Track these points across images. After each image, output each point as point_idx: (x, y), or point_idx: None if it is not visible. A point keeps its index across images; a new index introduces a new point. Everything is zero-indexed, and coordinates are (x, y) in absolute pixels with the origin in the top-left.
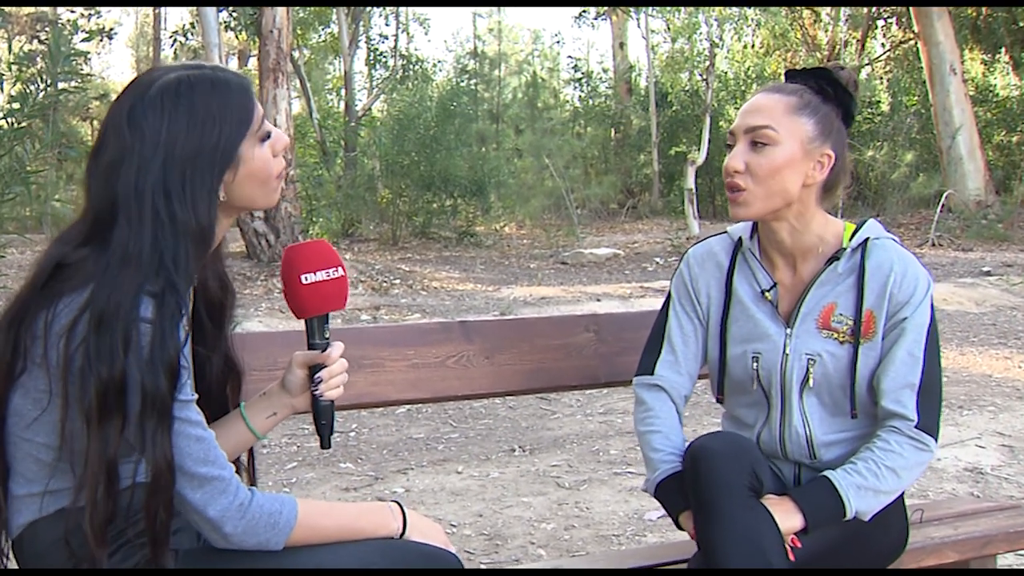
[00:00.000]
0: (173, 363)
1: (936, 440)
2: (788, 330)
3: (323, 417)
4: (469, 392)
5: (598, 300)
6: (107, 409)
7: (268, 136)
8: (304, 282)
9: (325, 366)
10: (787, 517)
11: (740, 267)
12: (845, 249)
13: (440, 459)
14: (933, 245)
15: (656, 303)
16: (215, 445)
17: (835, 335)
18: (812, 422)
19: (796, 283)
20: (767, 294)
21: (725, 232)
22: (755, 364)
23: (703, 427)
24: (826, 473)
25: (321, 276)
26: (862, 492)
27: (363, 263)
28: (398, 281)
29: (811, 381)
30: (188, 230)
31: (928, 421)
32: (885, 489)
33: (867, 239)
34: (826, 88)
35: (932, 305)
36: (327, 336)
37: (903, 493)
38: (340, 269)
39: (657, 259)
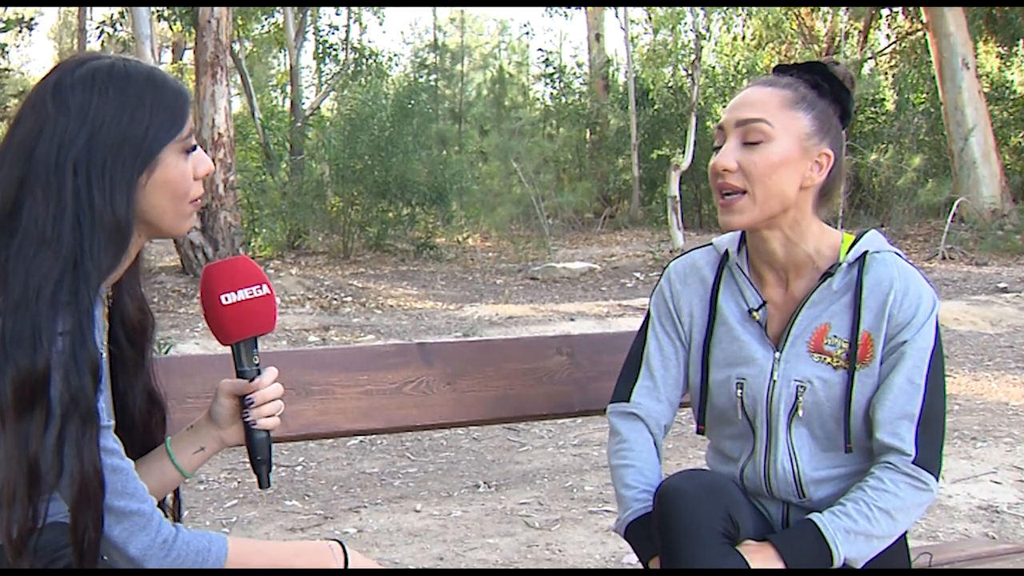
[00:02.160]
0: (95, 361)
1: (937, 478)
2: (777, 354)
3: (259, 452)
4: (428, 422)
5: (572, 320)
6: (26, 403)
7: (193, 150)
8: (225, 303)
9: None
10: (766, 565)
11: (726, 283)
12: (841, 264)
13: (396, 496)
14: (943, 259)
15: (636, 323)
16: (134, 476)
17: (828, 359)
18: (800, 457)
19: (787, 301)
20: (755, 314)
21: (710, 244)
22: (739, 391)
23: (688, 460)
24: (811, 516)
25: (244, 295)
26: (852, 537)
27: (311, 279)
28: (350, 298)
29: (800, 410)
30: (104, 222)
31: (928, 457)
32: (878, 533)
33: (865, 253)
34: (821, 83)
35: (937, 327)
36: (257, 362)
37: (906, 533)
38: (265, 286)
39: (637, 274)
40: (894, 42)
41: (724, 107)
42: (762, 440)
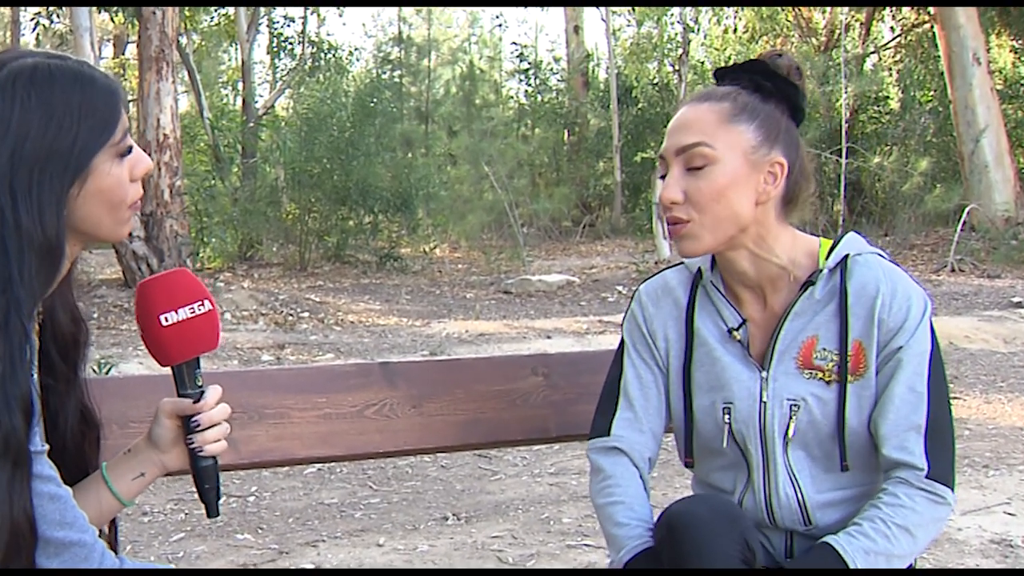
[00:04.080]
0: (26, 398)
1: (953, 491)
2: (763, 373)
3: (205, 479)
4: (392, 448)
5: (548, 337)
6: None
7: (128, 152)
8: (165, 323)
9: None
10: None
11: (701, 303)
12: (821, 271)
13: (358, 529)
14: (953, 270)
15: (618, 340)
16: (73, 504)
17: (820, 374)
18: (802, 481)
19: (768, 317)
20: (735, 333)
21: (681, 263)
22: (727, 417)
23: (675, 490)
24: (828, 539)
25: (185, 314)
26: (872, 558)
27: (264, 293)
28: (307, 314)
29: (791, 431)
30: (33, 243)
31: (941, 469)
32: (898, 552)
33: (846, 256)
34: (763, 84)
35: (932, 329)
36: (200, 383)
37: (913, 564)
38: (207, 302)
39: (619, 287)
40: (899, 35)
41: None
42: (758, 467)
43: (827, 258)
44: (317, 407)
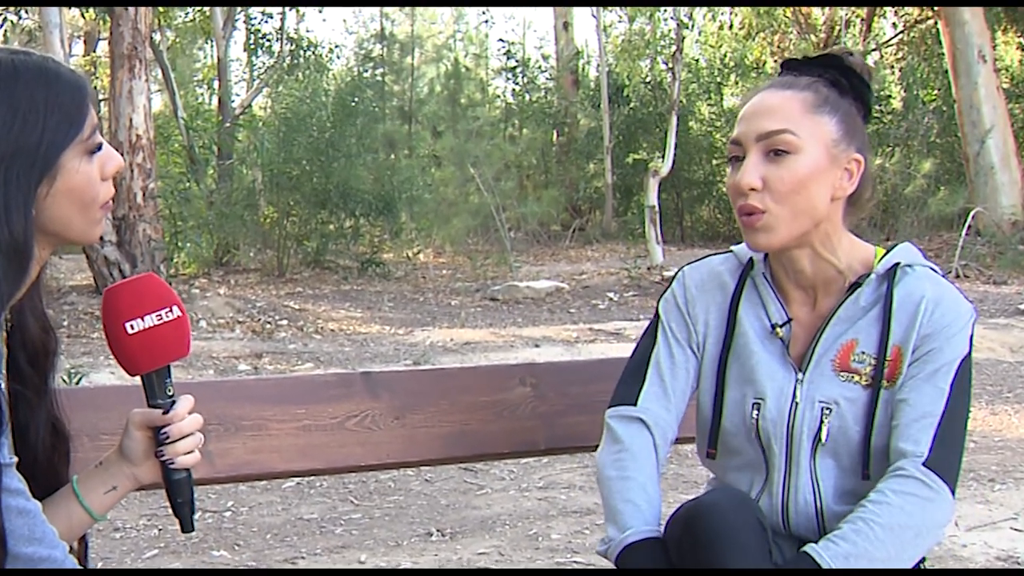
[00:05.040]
0: None
1: (952, 490)
2: (799, 375)
3: (179, 493)
4: (374, 461)
5: (536, 346)
6: None
7: (98, 149)
8: (131, 331)
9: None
10: None
11: (748, 295)
12: (869, 276)
13: (338, 545)
14: (957, 276)
15: (610, 348)
16: (42, 519)
17: (856, 377)
18: (824, 489)
19: (814, 320)
20: (778, 330)
21: (729, 251)
22: (755, 412)
23: (668, 506)
24: (806, 548)
25: (152, 321)
26: (853, 562)
27: (241, 299)
28: (285, 322)
29: (823, 435)
30: (1, 246)
31: (942, 461)
32: (882, 555)
33: (896, 265)
34: (840, 80)
35: (971, 341)
36: (170, 392)
37: (920, 564)
38: (175, 308)
39: (610, 294)
40: (901, 31)
41: (710, 104)
42: (779, 470)
43: (878, 265)
44: (296, 419)
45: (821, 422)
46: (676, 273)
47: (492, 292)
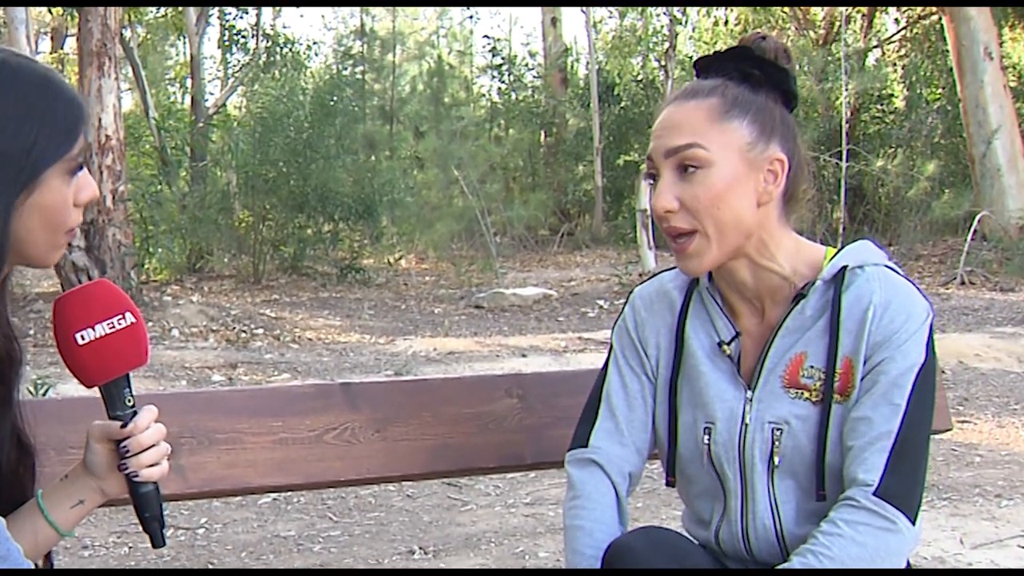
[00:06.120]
0: None
1: (911, 519)
2: (749, 393)
3: (146, 507)
4: (354, 476)
5: (523, 356)
6: None
7: (79, 170)
8: (81, 342)
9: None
10: None
11: (695, 310)
12: (815, 283)
13: (316, 564)
14: (963, 283)
15: (599, 359)
16: (6, 536)
17: (805, 394)
18: (783, 512)
19: (763, 332)
20: (725, 347)
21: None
22: (707, 438)
23: (660, 522)
24: None
25: (103, 330)
26: None
27: (215, 307)
28: (261, 330)
29: (776, 457)
30: None
31: (896, 489)
32: None
33: (844, 268)
34: (751, 72)
35: (930, 343)
36: (130, 402)
37: (908, 563)
38: (129, 315)
39: (600, 302)
40: (904, 27)
41: None
42: (735, 495)
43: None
44: (272, 431)
45: (773, 444)
46: (629, 295)
47: (477, 300)
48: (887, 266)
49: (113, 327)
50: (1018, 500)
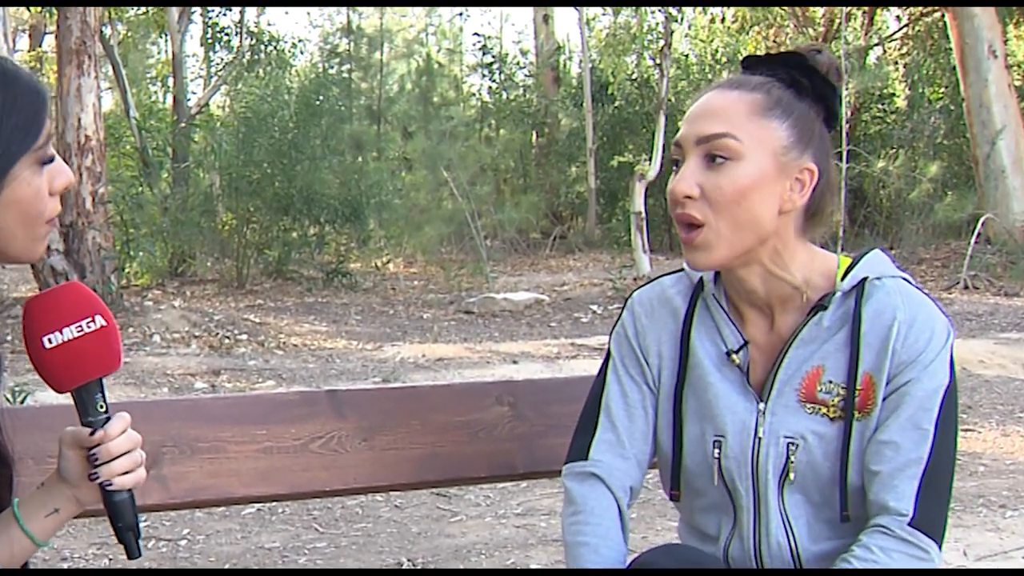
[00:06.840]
0: None
1: (940, 546)
2: (761, 405)
3: (119, 516)
4: (341, 486)
5: (515, 362)
6: None
7: (50, 160)
8: (48, 345)
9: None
10: None
11: (700, 317)
12: (834, 294)
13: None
14: (966, 287)
15: (593, 366)
16: None
17: (823, 409)
18: (797, 528)
19: (773, 341)
20: (734, 356)
21: (681, 270)
22: (716, 451)
23: (655, 533)
24: None
25: (72, 333)
26: None
27: (198, 312)
28: (245, 336)
29: (791, 473)
30: None
31: (930, 519)
32: None
33: (864, 279)
34: (799, 80)
35: (952, 365)
36: (102, 408)
37: None
38: (100, 317)
39: (594, 307)
40: (906, 25)
41: None
42: (748, 511)
43: (843, 279)
44: (256, 440)
45: (788, 459)
46: (627, 300)
47: (467, 304)
48: (905, 279)
49: (82, 330)
50: (1023, 511)
